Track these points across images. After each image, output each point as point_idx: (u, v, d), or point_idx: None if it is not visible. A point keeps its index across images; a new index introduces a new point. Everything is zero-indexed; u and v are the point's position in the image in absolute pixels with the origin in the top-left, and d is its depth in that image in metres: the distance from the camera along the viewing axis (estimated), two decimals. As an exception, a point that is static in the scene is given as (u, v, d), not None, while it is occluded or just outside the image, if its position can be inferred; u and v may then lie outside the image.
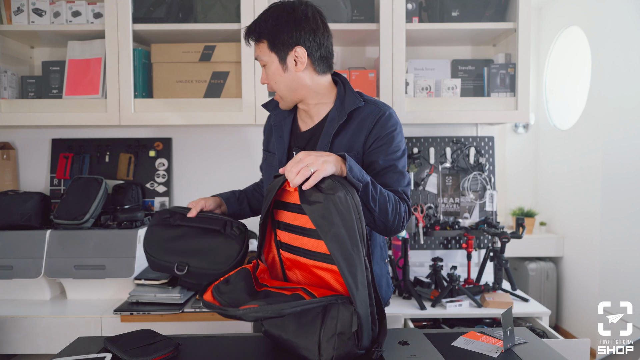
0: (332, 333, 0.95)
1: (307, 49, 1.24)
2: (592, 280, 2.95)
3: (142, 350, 1.05)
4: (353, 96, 1.30)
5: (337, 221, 0.92)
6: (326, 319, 0.96)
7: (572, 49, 3.23)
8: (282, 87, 1.29)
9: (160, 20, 2.03)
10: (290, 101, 1.32)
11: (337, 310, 0.95)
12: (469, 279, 2.11)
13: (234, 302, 0.95)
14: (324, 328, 0.96)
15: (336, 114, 1.30)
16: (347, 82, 1.35)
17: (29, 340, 1.79)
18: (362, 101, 1.30)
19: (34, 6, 2.02)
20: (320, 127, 1.32)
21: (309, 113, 1.34)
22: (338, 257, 0.91)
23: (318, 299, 0.94)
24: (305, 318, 0.99)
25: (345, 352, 0.95)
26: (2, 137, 2.30)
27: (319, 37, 1.25)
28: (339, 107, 1.30)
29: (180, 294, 1.83)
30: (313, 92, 1.30)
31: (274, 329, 1.05)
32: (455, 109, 2.07)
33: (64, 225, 1.93)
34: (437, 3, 2.10)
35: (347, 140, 1.28)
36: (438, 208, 2.28)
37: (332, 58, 1.31)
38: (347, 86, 1.34)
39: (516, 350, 1.09)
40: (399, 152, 1.28)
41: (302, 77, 1.27)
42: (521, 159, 3.59)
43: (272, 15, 1.23)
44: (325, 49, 1.27)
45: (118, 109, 1.99)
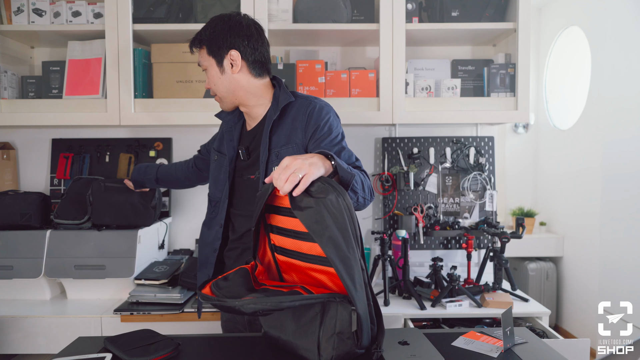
0: (331, 333, 0.95)
1: (241, 52, 1.37)
2: (592, 280, 2.95)
3: (142, 350, 1.05)
4: (285, 94, 1.41)
5: (331, 224, 0.92)
6: (325, 319, 0.96)
7: (572, 49, 3.23)
8: (221, 89, 1.41)
9: (160, 20, 2.03)
10: (230, 102, 1.44)
11: (335, 310, 0.95)
12: (469, 279, 2.11)
13: (232, 297, 0.95)
14: (323, 328, 0.96)
15: (273, 111, 1.40)
16: (282, 83, 1.46)
17: (29, 340, 1.79)
18: (292, 97, 1.41)
19: (34, 6, 2.02)
20: (261, 126, 1.44)
21: (250, 114, 1.46)
22: (335, 260, 0.90)
23: (316, 295, 0.94)
24: (304, 318, 0.99)
25: (345, 351, 0.95)
26: (2, 137, 2.30)
27: (253, 43, 1.38)
28: (274, 105, 1.41)
29: (180, 294, 1.83)
30: (251, 94, 1.42)
31: (274, 330, 1.05)
32: (455, 109, 2.07)
33: (64, 225, 1.93)
34: (437, 3, 2.10)
35: (284, 135, 1.38)
36: (438, 208, 2.28)
37: (268, 63, 1.44)
38: (282, 87, 1.44)
39: (516, 350, 1.09)
40: (339, 135, 1.39)
41: (239, 79, 1.39)
42: (521, 159, 3.58)
43: (211, 24, 1.39)
44: (259, 53, 1.40)
45: (118, 109, 2.00)
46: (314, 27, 2.03)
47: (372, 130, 2.34)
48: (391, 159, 2.28)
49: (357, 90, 2.07)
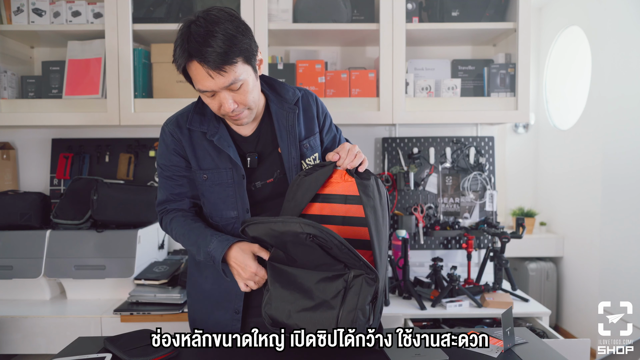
0: (352, 307, 1.01)
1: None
2: (592, 280, 2.95)
3: (142, 350, 1.06)
4: (284, 86, 1.32)
5: (377, 197, 1.11)
6: (348, 295, 1.02)
7: (572, 49, 3.23)
8: (257, 98, 1.21)
9: (160, 20, 2.03)
10: (255, 112, 1.24)
11: (360, 286, 1.02)
12: (469, 279, 2.11)
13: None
14: (344, 303, 1.02)
15: (278, 107, 1.28)
16: (263, 75, 1.32)
17: (29, 340, 1.79)
18: (295, 89, 1.33)
19: (34, 6, 2.02)
20: (267, 126, 1.29)
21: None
22: (371, 226, 1.06)
23: (360, 255, 1.00)
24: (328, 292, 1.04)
25: (360, 329, 1.01)
26: (2, 137, 2.30)
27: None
28: (276, 99, 1.29)
29: (180, 294, 1.83)
30: (259, 94, 1.26)
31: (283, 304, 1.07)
32: (455, 109, 2.07)
33: (63, 225, 1.93)
34: (437, 3, 2.10)
35: (305, 127, 1.32)
36: (438, 208, 2.28)
37: None
38: (268, 78, 1.32)
39: (516, 350, 1.09)
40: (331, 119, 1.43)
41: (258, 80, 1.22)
42: (521, 159, 3.58)
43: (223, 31, 1.07)
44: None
45: (118, 109, 1.99)
46: (314, 27, 2.03)
47: (372, 130, 2.34)
48: (391, 159, 2.27)
49: (357, 90, 2.07)
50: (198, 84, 1.13)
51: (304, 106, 1.33)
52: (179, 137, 1.27)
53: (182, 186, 1.31)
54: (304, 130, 1.31)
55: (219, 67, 1.07)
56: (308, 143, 1.31)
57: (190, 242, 1.25)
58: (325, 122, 1.38)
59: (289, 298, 1.06)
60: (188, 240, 1.26)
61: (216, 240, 1.20)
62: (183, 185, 1.31)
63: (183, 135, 1.26)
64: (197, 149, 1.27)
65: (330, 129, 1.40)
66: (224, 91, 1.13)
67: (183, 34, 1.09)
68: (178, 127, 1.27)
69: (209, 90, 1.12)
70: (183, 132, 1.26)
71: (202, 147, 1.26)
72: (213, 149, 1.26)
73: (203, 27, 1.07)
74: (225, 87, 1.11)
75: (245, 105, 1.17)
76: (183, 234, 1.27)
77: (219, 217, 1.29)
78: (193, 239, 1.24)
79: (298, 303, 1.05)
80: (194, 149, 1.27)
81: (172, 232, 1.31)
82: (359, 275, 1.02)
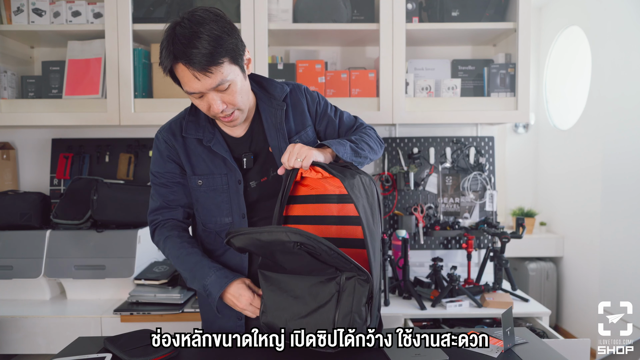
0: (348, 311, 1.01)
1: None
2: (592, 280, 2.95)
3: (142, 351, 1.06)
4: (272, 83, 1.31)
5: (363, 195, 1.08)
6: (342, 297, 1.02)
7: (572, 49, 3.23)
8: (246, 99, 1.19)
9: (160, 20, 2.03)
10: (246, 113, 1.23)
11: (353, 288, 1.01)
12: (469, 279, 2.11)
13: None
14: (340, 306, 1.01)
15: (267, 106, 1.28)
16: (253, 74, 1.30)
17: (29, 340, 1.79)
18: (283, 84, 1.31)
19: (34, 6, 2.02)
20: (258, 125, 1.28)
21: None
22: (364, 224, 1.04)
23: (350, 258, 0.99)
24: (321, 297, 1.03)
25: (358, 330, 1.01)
26: (2, 137, 2.30)
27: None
28: (265, 97, 1.28)
29: (180, 294, 1.83)
30: (250, 93, 1.25)
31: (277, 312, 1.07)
32: (455, 109, 2.07)
33: (63, 225, 1.93)
34: (437, 3, 2.10)
35: (295, 122, 1.30)
36: (438, 208, 2.28)
37: None
38: (257, 77, 1.31)
39: (516, 350, 1.09)
40: (331, 105, 1.39)
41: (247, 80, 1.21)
42: (521, 159, 3.58)
43: (208, 32, 1.06)
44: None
45: (118, 109, 1.99)
46: (314, 27, 2.03)
47: (372, 130, 2.34)
48: (391, 159, 2.27)
49: (357, 90, 2.07)
50: (185, 85, 1.12)
51: (292, 101, 1.31)
52: (173, 144, 1.27)
53: (176, 193, 1.30)
54: (295, 125, 1.30)
55: (205, 68, 1.06)
56: (299, 138, 1.30)
57: (185, 268, 1.24)
58: (317, 112, 1.34)
59: (283, 305, 1.07)
60: (183, 264, 1.25)
61: (214, 275, 1.20)
62: (177, 193, 1.30)
63: (177, 142, 1.26)
64: (192, 155, 1.27)
65: (326, 116, 1.35)
66: (212, 92, 1.12)
67: (168, 36, 1.09)
68: (172, 134, 1.27)
69: (196, 92, 1.11)
70: (177, 139, 1.26)
71: (196, 154, 1.27)
72: (207, 155, 1.26)
73: (188, 29, 1.06)
74: (212, 88, 1.10)
75: (234, 105, 1.15)
76: (178, 257, 1.25)
77: (213, 223, 1.29)
78: (189, 265, 1.24)
79: (293, 310, 1.05)
80: (188, 155, 1.27)
81: (165, 251, 1.30)
82: (351, 277, 1.02)
